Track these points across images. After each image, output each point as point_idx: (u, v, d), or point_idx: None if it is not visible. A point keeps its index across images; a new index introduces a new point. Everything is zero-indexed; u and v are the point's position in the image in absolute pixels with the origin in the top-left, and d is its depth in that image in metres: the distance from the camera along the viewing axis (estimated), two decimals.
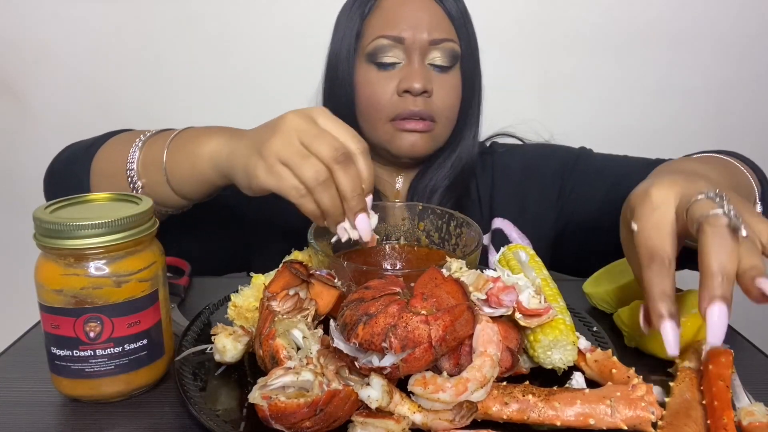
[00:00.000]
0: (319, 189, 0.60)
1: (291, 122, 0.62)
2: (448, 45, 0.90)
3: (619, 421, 0.49)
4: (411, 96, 0.89)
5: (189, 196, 0.76)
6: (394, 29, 0.89)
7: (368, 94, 0.91)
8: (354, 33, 0.92)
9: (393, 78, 0.90)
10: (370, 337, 0.47)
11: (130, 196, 0.61)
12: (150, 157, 0.75)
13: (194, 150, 0.71)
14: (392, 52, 0.89)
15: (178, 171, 0.73)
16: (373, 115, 0.92)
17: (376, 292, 0.51)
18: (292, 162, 0.60)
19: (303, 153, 0.60)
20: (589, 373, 0.58)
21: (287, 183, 0.61)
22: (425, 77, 0.89)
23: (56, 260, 0.54)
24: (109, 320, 0.54)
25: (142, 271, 0.56)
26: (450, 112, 0.94)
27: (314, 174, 0.60)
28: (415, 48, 0.89)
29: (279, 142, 0.61)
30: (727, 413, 0.50)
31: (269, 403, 0.47)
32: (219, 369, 0.60)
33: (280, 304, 0.56)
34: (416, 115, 0.89)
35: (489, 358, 0.50)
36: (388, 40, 0.89)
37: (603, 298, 0.77)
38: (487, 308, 0.54)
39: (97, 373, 0.55)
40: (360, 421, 0.48)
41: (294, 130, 0.61)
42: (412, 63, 0.89)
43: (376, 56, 0.90)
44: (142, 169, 0.76)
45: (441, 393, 0.47)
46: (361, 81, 0.92)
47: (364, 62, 0.92)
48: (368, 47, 0.90)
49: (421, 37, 0.88)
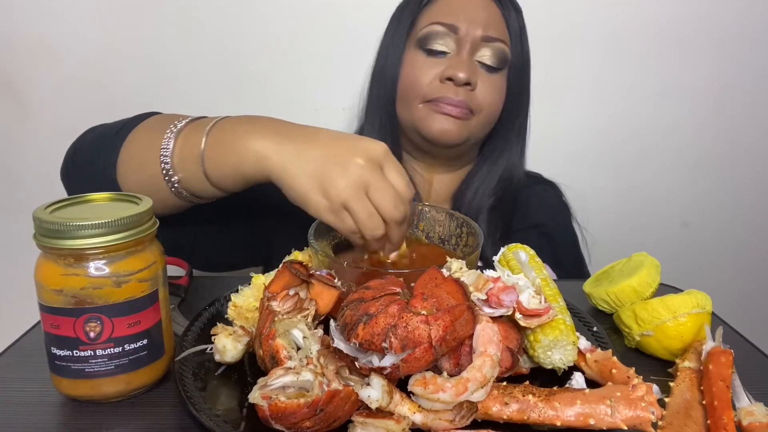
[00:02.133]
0: (371, 239, 0.64)
1: (362, 170, 0.61)
2: (499, 45, 0.91)
3: (619, 421, 0.49)
4: (453, 85, 0.90)
5: (228, 189, 0.72)
6: (450, 17, 0.90)
7: (411, 75, 0.92)
8: (410, 20, 0.94)
9: (439, 65, 0.91)
10: (370, 337, 0.47)
11: (130, 195, 0.61)
12: (187, 150, 0.70)
13: (238, 148, 0.67)
14: (443, 40, 0.90)
15: (220, 168, 0.69)
16: (411, 94, 0.93)
17: (376, 292, 0.51)
18: (356, 216, 0.62)
19: (369, 210, 0.62)
20: (589, 373, 0.58)
21: (347, 227, 0.64)
22: (471, 69, 0.89)
23: (56, 260, 0.54)
24: (109, 320, 0.54)
25: (142, 271, 0.56)
26: (490, 109, 0.94)
27: (373, 230, 0.63)
28: (467, 40, 0.90)
29: (348, 190, 0.61)
30: (727, 413, 0.50)
31: (269, 403, 0.47)
32: (219, 369, 0.60)
33: (280, 304, 0.56)
34: (455, 103, 0.90)
35: (489, 358, 0.50)
36: (443, 27, 0.90)
37: (603, 298, 0.77)
38: (487, 308, 0.54)
39: (97, 373, 0.55)
40: (360, 421, 0.48)
41: (363, 180, 0.62)
42: (461, 54, 0.90)
43: (427, 42, 0.91)
44: (179, 162, 0.71)
45: (441, 393, 0.47)
46: (407, 64, 0.93)
47: (414, 47, 0.93)
48: (421, 32, 0.92)
49: (475, 30, 0.89)
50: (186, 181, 0.71)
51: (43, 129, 1.42)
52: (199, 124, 0.72)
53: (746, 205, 1.51)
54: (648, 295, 0.75)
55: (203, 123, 0.72)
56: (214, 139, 0.69)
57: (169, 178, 0.71)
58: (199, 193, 0.73)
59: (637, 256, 0.80)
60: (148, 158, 0.72)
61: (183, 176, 0.71)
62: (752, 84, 1.45)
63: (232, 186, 0.71)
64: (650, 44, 1.41)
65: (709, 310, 0.67)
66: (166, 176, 0.71)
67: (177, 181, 0.71)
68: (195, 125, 0.72)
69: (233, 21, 1.37)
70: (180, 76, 1.40)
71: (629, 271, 0.78)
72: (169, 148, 0.71)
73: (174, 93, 1.41)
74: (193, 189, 0.72)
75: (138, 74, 1.39)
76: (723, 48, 1.42)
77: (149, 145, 0.73)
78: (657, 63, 1.43)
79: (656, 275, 0.76)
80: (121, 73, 1.39)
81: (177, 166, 0.71)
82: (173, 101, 1.41)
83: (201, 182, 0.71)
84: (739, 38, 1.42)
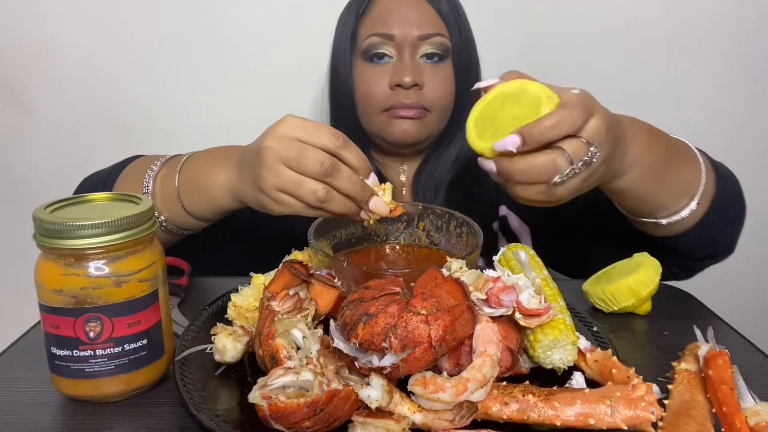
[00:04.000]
0: (325, 203, 0.63)
1: (271, 151, 0.63)
2: (437, 39, 0.95)
3: (619, 421, 0.49)
4: (403, 89, 0.94)
5: (212, 219, 0.80)
6: (384, 27, 0.94)
7: (364, 89, 0.97)
8: (350, 33, 0.98)
9: (386, 73, 0.95)
10: (370, 337, 0.47)
11: (130, 195, 0.61)
12: (165, 192, 0.78)
13: (208, 184, 0.74)
14: (384, 49, 0.95)
15: (197, 204, 0.76)
16: (369, 107, 0.97)
17: (376, 292, 0.51)
18: (290, 191, 0.64)
19: (295, 180, 0.63)
20: (589, 373, 0.58)
21: (296, 207, 0.65)
22: (415, 71, 0.93)
23: (56, 260, 0.54)
24: (109, 320, 0.54)
25: (142, 271, 0.56)
26: (442, 102, 0.98)
27: (313, 196, 0.63)
28: (405, 44, 0.94)
29: (269, 175, 0.64)
30: (738, 416, 0.50)
31: (269, 403, 0.47)
32: (219, 369, 0.60)
33: (280, 304, 0.56)
34: (408, 106, 0.94)
35: (489, 358, 0.50)
36: (380, 38, 0.95)
37: (599, 296, 0.78)
38: (487, 308, 0.54)
39: (97, 373, 0.55)
40: (360, 421, 0.48)
41: (278, 159, 0.63)
42: (402, 58, 0.95)
43: (370, 53, 0.96)
44: (161, 204, 0.78)
45: (441, 393, 0.47)
46: (357, 77, 0.98)
47: (360, 59, 0.98)
48: (362, 45, 0.97)
49: (410, 33, 0.93)
50: (171, 219, 0.78)
51: (43, 129, 1.42)
52: (171, 164, 0.79)
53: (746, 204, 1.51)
54: (645, 294, 0.75)
55: (174, 163, 0.78)
56: (184, 179, 0.76)
57: (156, 218, 0.75)
58: (186, 226, 0.80)
59: (638, 256, 0.80)
60: None
61: (168, 215, 0.78)
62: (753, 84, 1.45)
63: (214, 216, 0.78)
64: (650, 44, 1.41)
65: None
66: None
67: (164, 221, 0.78)
68: (168, 167, 0.79)
69: (234, 21, 1.37)
70: (180, 76, 1.40)
71: (628, 270, 0.78)
72: (149, 192, 0.78)
73: (174, 93, 1.41)
74: (180, 224, 0.79)
75: (138, 74, 1.39)
76: (723, 48, 1.42)
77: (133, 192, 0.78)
78: (657, 63, 1.43)
79: (655, 276, 0.76)
80: (121, 73, 1.39)
81: (160, 207, 0.78)
82: (173, 101, 1.41)
83: (185, 218, 0.78)
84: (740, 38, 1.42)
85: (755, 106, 1.47)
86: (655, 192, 0.72)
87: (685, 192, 0.74)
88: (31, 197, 1.21)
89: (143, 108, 1.42)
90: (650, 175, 0.70)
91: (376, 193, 0.67)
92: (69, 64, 1.38)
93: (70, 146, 1.42)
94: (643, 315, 0.78)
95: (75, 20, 1.35)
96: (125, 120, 1.42)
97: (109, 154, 1.44)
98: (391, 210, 0.68)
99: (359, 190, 0.65)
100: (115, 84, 1.40)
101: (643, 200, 0.73)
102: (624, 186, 0.69)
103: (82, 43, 1.37)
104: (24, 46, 1.37)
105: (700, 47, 1.42)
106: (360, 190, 0.65)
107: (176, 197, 0.76)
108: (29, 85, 1.40)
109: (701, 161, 0.76)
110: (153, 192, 0.78)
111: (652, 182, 0.70)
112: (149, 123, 1.43)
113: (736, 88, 1.45)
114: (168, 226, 0.79)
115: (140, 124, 1.43)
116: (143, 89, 1.40)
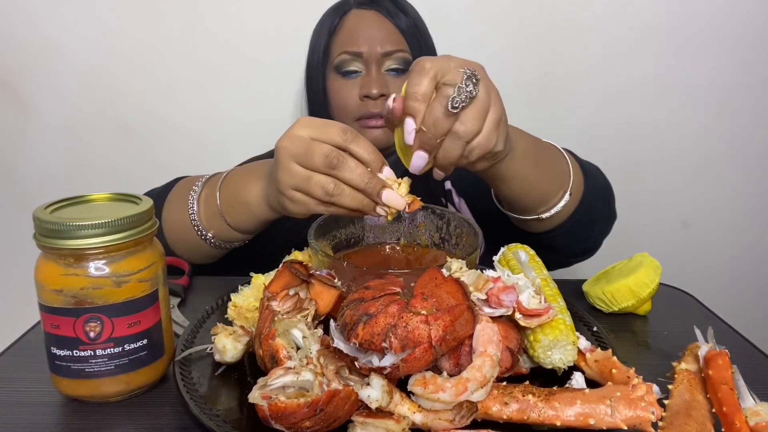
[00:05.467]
0: (335, 197, 0.64)
1: (284, 151, 0.65)
2: (399, 55, 1.05)
3: (619, 421, 0.49)
4: (371, 100, 1.02)
5: (254, 231, 0.83)
6: (354, 45, 1.04)
7: (337, 99, 1.06)
8: (323, 48, 1.08)
9: (356, 85, 1.05)
10: (370, 337, 0.47)
11: (130, 195, 0.61)
12: (209, 211, 0.82)
13: (246, 197, 0.77)
14: (353, 64, 1.05)
15: (239, 219, 0.79)
16: (342, 116, 1.06)
17: (376, 292, 0.51)
18: (301, 188, 0.65)
19: (305, 175, 0.64)
20: (589, 373, 0.58)
21: (309, 204, 0.66)
22: (381, 83, 1.02)
23: (56, 260, 0.54)
24: (109, 320, 0.54)
25: (142, 271, 0.56)
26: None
27: (321, 190, 0.64)
28: (371, 60, 1.04)
29: (283, 174, 0.65)
30: (738, 416, 0.50)
31: (269, 403, 0.47)
32: (219, 369, 0.60)
33: (280, 304, 0.56)
34: (377, 115, 1.03)
35: (489, 358, 0.50)
36: (349, 55, 1.04)
37: (599, 296, 0.78)
38: (487, 308, 0.54)
39: (97, 373, 0.55)
40: (360, 421, 0.48)
41: (289, 157, 0.65)
42: (370, 72, 1.04)
43: (341, 68, 1.05)
44: (206, 222, 0.82)
45: (441, 393, 0.47)
46: (331, 89, 1.08)
47: (333, 73, 1.07)
48: (335, 61, 1.06)
49: (375, 50, 1.03)
50: (218, 235, 0.83)
51: (44, 129, 1.42)
52: (211, 183, 0.83)
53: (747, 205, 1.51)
54: (644, 295, 0.75)
55: (214, 182, 0.83)
56: (224, 195, 0.80)
57: (204, 237, 0.83)
58: (232, 240, 0.84)
59: (638, 256, 0.80)
60: (182, 227, 0.84)
61: (214, 232, 0.82)
62: (753, 84, 1.45)
63: (256, 228, 0.81)
64: (651, 44, 1.41)
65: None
66: (202, 237, 0.83)
67: (211, 238, 0.83)
68: (209, 186, 0.83)
69: (234, 22, 1.37)
70: (181, 76, 1.40)
71: (628, 271, 0.78)
72: (195, 212, 0.82)
73: (174, 93, 1.41)
74: (226, 239, 0.83)
75: (139, 75, 1.39)
76: (724, 48, 1.42)
77: (180, 216, 0.84)
78: (658, 63, 1.43)
79: (655, 276, 0.76)
80: (122, 74, 1.39)
81: (206, 225, 0.82)
82: (174, 102, 1.41)
83: (230, 232, 0.82)
84: (740, 38, 1.42)
85: (756, 106, 1.47)
86: (537, 179, 0.77)
87: (559, 182, 0.80)
88: (31, 197, 1.21)
89: (143, 108, 1.42)
90: (529, 159, 0.74)
91: (389, 186, 0.65)
92: (70, 64, 1.38)
93: (70, 146, 1.43)
94: (643, 315, 0.78)
95: (76, 21, 1.35)
96: (125, 120, 1.43)
97: (109, 154, 1.45)
98: (408, 204, 0.66)
99: (367, 182, 0.64)
100: (116, 84, 1.40)
101: (529, 187, 0.77)
102: (511, 172, 0.73)
103: (83, 44, 1.37)
104: (25, 47, 1.37)
105: (700, 47, 1.42)
106: (368, 182, 0.64)
107: (219, 214, 0.80)
108: (30, 85, 1.40)
109: (567, 157, 0.82)
110: (198, 212, 0.82)
111: (532, 167, 0.75)
112: (150, 123, 1.43)
113: (736, 88, 1.45)
114: (216, 242, 0.83)
115: (140, 124, 1.43)
116: (144, 89, 1.40)
